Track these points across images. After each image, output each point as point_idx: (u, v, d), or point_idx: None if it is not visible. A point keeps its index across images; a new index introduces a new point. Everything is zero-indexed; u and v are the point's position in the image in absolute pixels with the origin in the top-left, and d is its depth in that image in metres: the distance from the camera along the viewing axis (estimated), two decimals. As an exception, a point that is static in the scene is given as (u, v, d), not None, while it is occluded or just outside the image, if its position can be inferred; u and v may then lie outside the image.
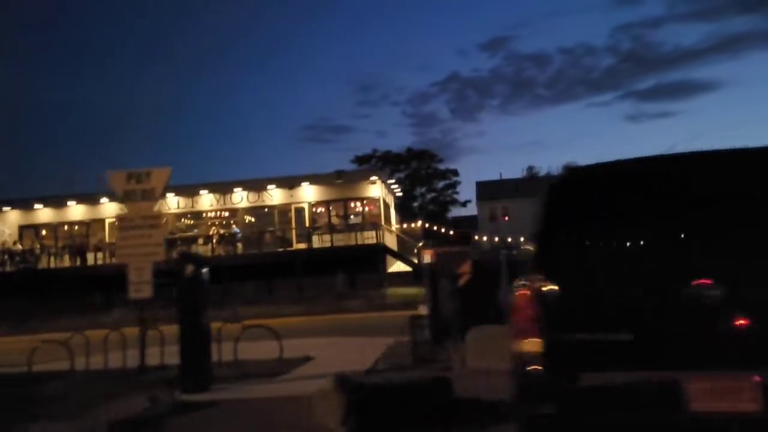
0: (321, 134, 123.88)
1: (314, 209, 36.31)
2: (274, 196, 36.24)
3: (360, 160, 63.02)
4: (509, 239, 50.15)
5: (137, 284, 8.30)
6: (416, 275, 33.49)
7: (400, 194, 45.65)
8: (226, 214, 37.46)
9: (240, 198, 36.46)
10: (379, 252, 33.61)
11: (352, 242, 33.95)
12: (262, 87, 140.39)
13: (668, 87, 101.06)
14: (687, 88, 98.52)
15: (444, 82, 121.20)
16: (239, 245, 35.80)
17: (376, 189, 35.44)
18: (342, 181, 35.65)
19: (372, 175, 36.22)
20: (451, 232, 47.19)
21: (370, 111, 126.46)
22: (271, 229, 36.07)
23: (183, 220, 37.87)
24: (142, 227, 8.26)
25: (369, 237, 33.92)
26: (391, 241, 35.61)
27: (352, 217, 35.89)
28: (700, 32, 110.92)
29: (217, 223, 37.36)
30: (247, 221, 36.79)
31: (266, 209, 36.62)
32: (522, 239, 46.66)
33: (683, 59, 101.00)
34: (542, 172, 70.66)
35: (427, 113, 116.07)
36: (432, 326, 9.99)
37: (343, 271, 32.65)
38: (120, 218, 8.39)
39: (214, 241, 35.27)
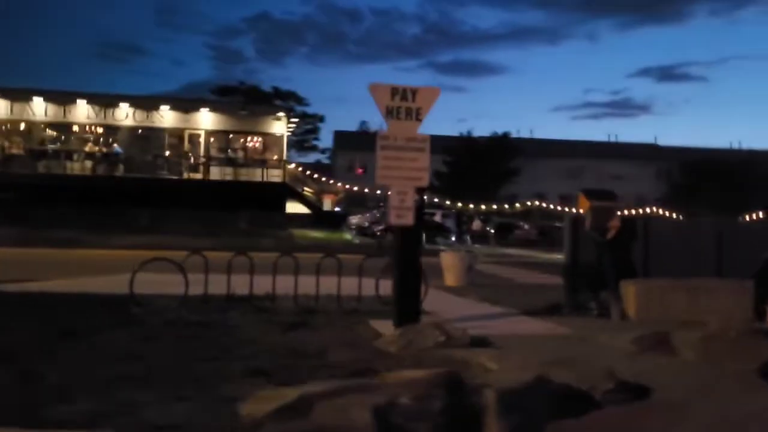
0: (116, 53, 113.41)
1: (211, 138, 33.78)
2: (166, 117, 33.01)
3: (221, 91, 59.31)
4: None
5: (399, 209, 7.39)
6: (317, 218, 33.01)
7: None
8: (102, 130, 33.38)
9: (125, 114, 32.65)
10: (284, 191, 32.48)
11: (256, 178, 32.33)
12: None
13: (464, 64, 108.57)
14: (479, 68, 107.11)
15: (253, 19, 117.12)
16: (120, 166, 32.27)
17: (280, 126, 33.93)
18: (246, 112, 33.55)
19: (279, 111, 34.56)
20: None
21: (171, 35, 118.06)
22: (160, 153, 32.94)
23: (47, 130, 33.00)
24: (406, 149, 7.38)
25: (273, 175, 32.56)
26: (291, 181, 34.53)
27: (254, 151, 34.05)
28: (497, 18, 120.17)
29: (92, 139, 33.16)
30: (131, 141, 33.09)
31: (155, 131, 33.24)
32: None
33: (480, 40, 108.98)
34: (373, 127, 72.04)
35: (232, 49, 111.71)
36: (573, 276, 10.21)
37: (244, 208, 31.05)
38: (382, 136, 7.36)
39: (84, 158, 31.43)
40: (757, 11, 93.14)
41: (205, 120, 33.23)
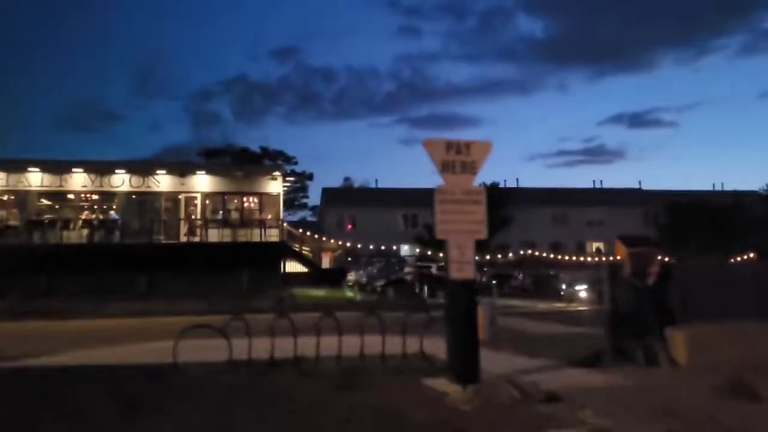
0: (89, 120, 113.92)
1: (207, 200, 33.74)
2: (162, 181, 32.97)
3: (209, 153, 59.62)
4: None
5: (459, 263, 7.42)
6: (317, 276, 32.79)
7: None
8: (98, 196, 33.20)
9: (121, 181, 32.57)
10: (282, 251, 32.33)
11: (254, 238, 32.19)
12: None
13: (439, 117, 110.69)
14: (454, 121, 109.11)
15: (229, 82, 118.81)
16: (117, 233, 31.98)
17: (276, 185, 34.03)
18: (242, 173, 33.68)
19: (275, 170, 34.73)
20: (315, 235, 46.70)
21: (146, 101, 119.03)
22: (157, 218, 32.75)
23: (41, 199, 32.71)
24: (464, 202, 7.49)
25: (271, 234, 32.46)
26: (288, 240, 34.41)
27: (250, 211, 33.99)
28: (468, 72, 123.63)
29: (87, 207, 32.92)
30: (128, 207, 32.89)
31: (151, 195, 33.13)
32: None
33: (453, 94, 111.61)
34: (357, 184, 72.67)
35: (209, 112, 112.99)
36: (615, 324, 10.22)
37: (241, 268, 30.75)
38: (440, 191, 7.44)
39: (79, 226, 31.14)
40: (716, 58, 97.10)
41: (201, 182, 33.26)
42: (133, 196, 32.93)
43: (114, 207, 32.71)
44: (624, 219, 59.24)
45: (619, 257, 12.23)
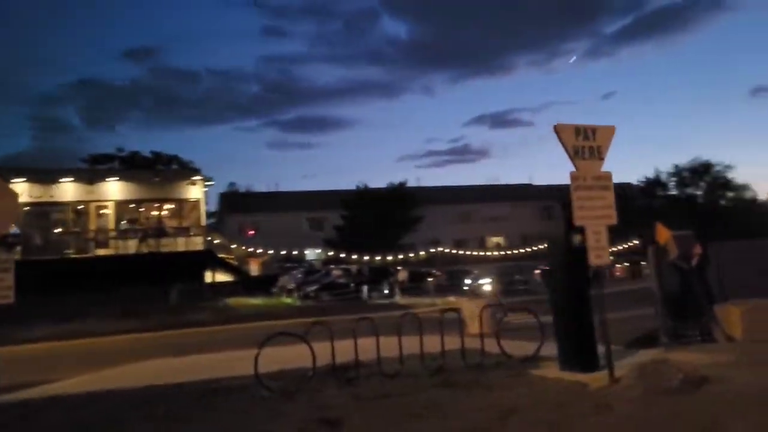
0: None
1: (121, 209, 31.23)
2: (68, 190, 30.12)
3: (95, 159, 55.29)
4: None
5: (596, 249, 7.10)
6: (247, 285, 31.37)
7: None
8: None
9: (19, 190, 29.27)
10: (208, 260, 30.63)
11: (176, 248, 30.22)
12: None
13: (308, 120, 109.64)
14: (323, 123, 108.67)
15: (76, 85, 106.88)
16: (17, 249, 28.79)
17: (196, 190, 32.21)
18: (159, 179, 31.52)
19: (194, 174, 32.79)
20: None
21: None
22: (64, 230, 29.87)
23: None
24: (595, 188, 7.19)
25: (195, 243, 30.66)
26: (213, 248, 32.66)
27: (170, 219, 31.87)
28: (336, 74, 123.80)
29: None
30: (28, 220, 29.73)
31: (56, 206, 30.17)
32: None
33: (321, 96, 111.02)
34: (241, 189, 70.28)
35: (54, 117, 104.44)
36: (668, 303, 10.43)
37: (165, 281, 28.77)
38: (575, 177, 7.11)
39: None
40: (566, 61, 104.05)
41: (113, 190, 30.74)
42: (33, 208, 29.81)
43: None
44: (522, 214, 62.05)
45: (661, 241, 12.58)
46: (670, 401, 6.01)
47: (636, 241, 54.13)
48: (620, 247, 53.14)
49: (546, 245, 8.24)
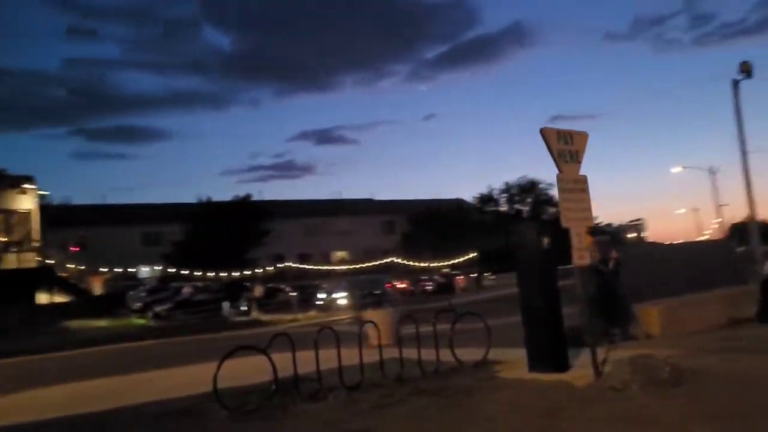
0: None
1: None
2: None
3: None
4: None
5: (579, 250, 7.07)
6: (90, 305, 28.35)
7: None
8: None
9: None
10: (44, 278, 27.30)
11: (6, 265, 26.56)
12: None
13: (122, 130, 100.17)
14: (140, 134, 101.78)
15: None
16: None
17: (27, 200, 28.61)
18: (-20, 187, 27.56)
19: (24, 182, 29.03)
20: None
21: None
22: None
23: None
24: (575, 191, 7.14)
25: (27, 260, 27.20)
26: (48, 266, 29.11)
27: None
28: (154, 82, 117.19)
29: None
30: None
31: None
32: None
33: (138, 105, 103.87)
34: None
35: None
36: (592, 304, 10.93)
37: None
38: (560, 179, 7.02)
39: None
40: (395, 81, 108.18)
41: None
42: None
43: None
44: (366, 228, 62.96)
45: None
46: (675, 392, 6.20)
47: (474, 254, 57.46)
48: (460, 259, 56.09)
49: (514, 248, 8.21)
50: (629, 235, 68.17)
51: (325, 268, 54.04)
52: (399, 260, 53.84)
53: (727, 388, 6.15)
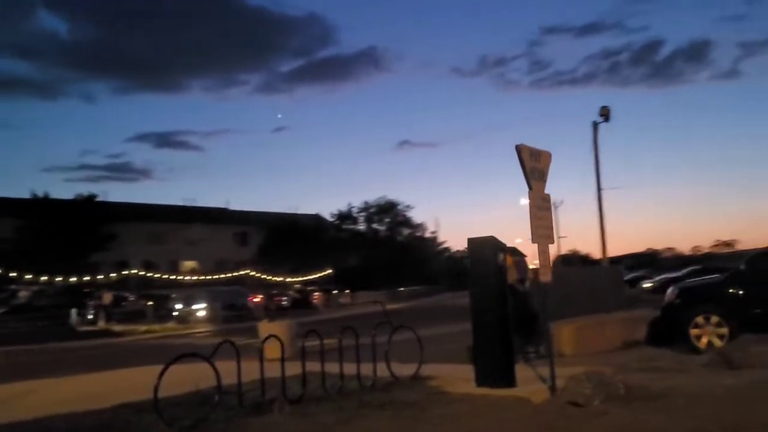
0: None
1: None
2: None
3: None
4: None
5: (544, 267, 7.01)
6: None
7: None
8: None
9: None
10: None
11: None
12: None
13: None
14: None
15: None
16: None
17: None
18: None
19: None
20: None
21: None
22: None
23: None
24: (542, 208, 7.01)
25: None
26: None
27: None
28: None
29: None
30: None
31: None
32: None
33: None
34: None
35: None
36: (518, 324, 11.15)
37: None
38: (531, 197, 6.96)
39: None
40: (245, 90, 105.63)
41: None
42: None
43: None
44: (218, 238, 60.39)
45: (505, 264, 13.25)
46: (644, 406, 6.40)
47: (329, 270, 57.31)
48: (316, 276, 55.64)
49: (470, 263, 8.16)
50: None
51: (173, 277, 51.05)
52: (253, 273, 52.29)
53: (692, 403, 6.44)
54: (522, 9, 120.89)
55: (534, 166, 7.37)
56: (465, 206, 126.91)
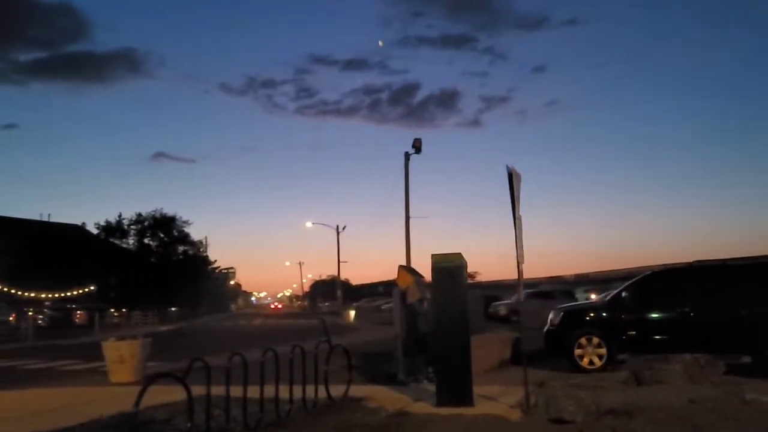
0: None
1: None
2: None
3: None
4: None
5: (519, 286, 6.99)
6: None
7: None
8: None
9: None
10: None
11: None
12: None
13: None
14: None
15: None
16: None
17: None
18: None
19: None
20: None
21: None
22: None
23: None
24: (521, 231, 7.12)
25: None
26: None
27: None
28: None
29: None
30: None
31: None
32: None
33: None
34: None
35: None
36: (407, 343, 11.01)
37: None
38: (519, 219, 6.91)
39: None
40: (47, 84, 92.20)
41: None
42: None
43: None
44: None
45: (403, 285, 12.24)
46: (628, 422, 6.75)
47: (92, 287, 51.20)
48: (76, 292, 49.36)
49: (434, 282, 8.07)
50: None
51: None
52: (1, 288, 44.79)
53: (674, 415, 6.90)
54: (292, 34, 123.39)
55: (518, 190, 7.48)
56: (230, 225, 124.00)
